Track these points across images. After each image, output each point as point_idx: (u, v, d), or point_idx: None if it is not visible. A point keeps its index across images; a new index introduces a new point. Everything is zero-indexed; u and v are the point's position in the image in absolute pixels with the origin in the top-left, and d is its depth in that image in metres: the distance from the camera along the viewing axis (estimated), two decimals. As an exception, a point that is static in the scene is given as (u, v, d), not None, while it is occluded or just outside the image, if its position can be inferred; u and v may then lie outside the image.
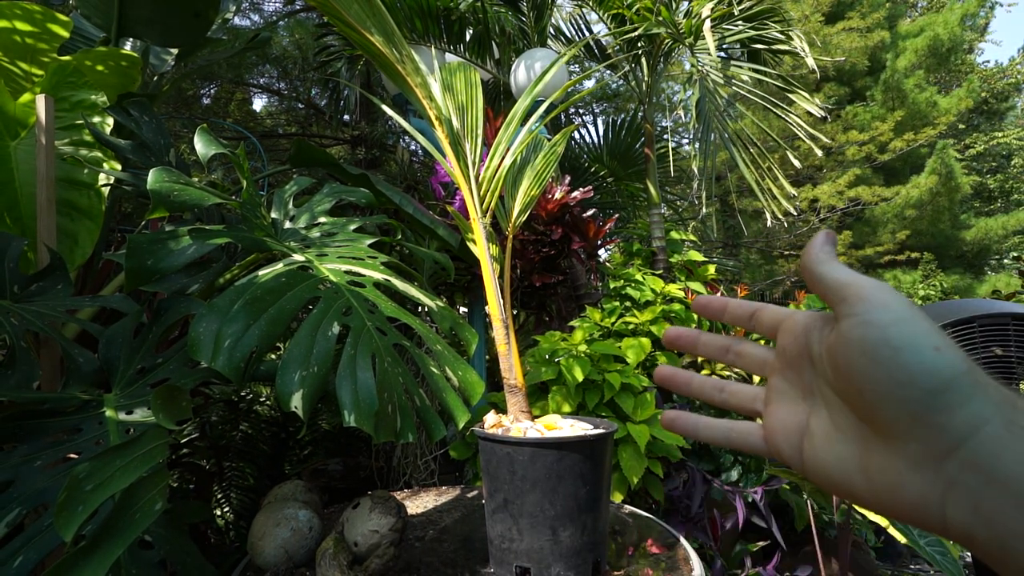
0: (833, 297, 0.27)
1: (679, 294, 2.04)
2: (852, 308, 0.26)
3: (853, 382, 0.25)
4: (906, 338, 0.23)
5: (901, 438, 0.23)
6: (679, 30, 2.47)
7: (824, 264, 0.28)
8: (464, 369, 1.02)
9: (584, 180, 3.59)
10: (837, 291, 0.27)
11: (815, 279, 0.28)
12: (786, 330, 0.32)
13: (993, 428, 0.21)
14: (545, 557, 0.92)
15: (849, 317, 0.25)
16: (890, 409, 0.23)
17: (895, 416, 0.23)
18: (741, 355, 0.35)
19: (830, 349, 0.27)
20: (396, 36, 1.13)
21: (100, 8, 1.62)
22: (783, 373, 0.31)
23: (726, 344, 0.35)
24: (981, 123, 13.69)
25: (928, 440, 0.22)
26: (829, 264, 0.28)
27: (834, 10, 10.31)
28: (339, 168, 1.52)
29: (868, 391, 0.24)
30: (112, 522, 0.65)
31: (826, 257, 0.29)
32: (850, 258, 9.88)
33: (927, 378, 0.22)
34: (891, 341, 0.23)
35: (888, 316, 0.24)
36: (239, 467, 2.02)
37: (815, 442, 0.28)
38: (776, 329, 0.33)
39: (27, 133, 1.24)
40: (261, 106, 7.54)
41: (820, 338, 0.29)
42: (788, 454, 0.30)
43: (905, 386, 0.23)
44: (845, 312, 0.26)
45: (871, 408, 0.24)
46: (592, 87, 1.64)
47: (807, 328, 0.30)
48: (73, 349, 0.95)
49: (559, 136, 1.32)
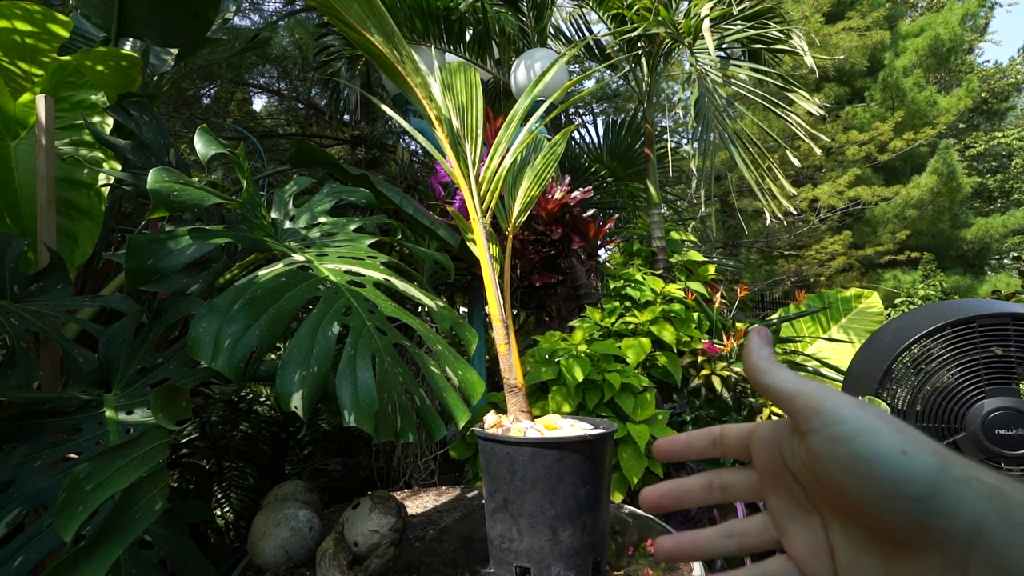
0: (787, 408, 0.26)
1: (679, 294, 2.04)
2: (809, 423, 0.25)
3: (847, 501, 0.24)
4: (873, 449, 0.23)
5: (917, 548, 0.22)
6: (678, 30, 2.47)
7: (768, 375, 0.28)
8: (464, 369, 1.02)
9: (584, 180, 3.59)
10: (788, 402, 0.26)
11: (763, 388, 0.28)
12: (756, 448, 0.30)
13: (994, 526, 0.21)
14: (545, 557, 0.92)
15: (811, 433, 0.25)
16: (893, 521, 0.22)
17: (900, 527, 0.22)
18: (726, 488, 0.33)
19: (808, 467, 0.26)
20: (396, 36, 1.13)
21: (100, 8, 1.62)
22: (775, 492, 0.30)
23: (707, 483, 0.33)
24: (981, 123, 13.70)
25: (943, 547, 0.22)
26: (772, 374, 0.28)
27: (834, 10, 10.31)
28: (339, 168, 1.52)
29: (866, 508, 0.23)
30: (112, 522, 0.66)
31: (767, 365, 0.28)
32: (850, 258, 9.89)
33: (909, 486, 0.22)
34: (860, 453, 0.23)
35: (848, 428, 0.24)
36: (239, 467, 2.03)
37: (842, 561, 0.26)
38: (745, 450, 0.31)
39: (27, 133, 1.24)
40: (261, 106, 7.55)
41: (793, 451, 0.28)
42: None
43: (895, 498, 0.22)
44: (805, 427, 0.25)
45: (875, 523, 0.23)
46: (592, 87, 1.64)
47: (776, 442, 0.29)
48: (73, 349, 0.95)
49: (559, 136, 1.32)
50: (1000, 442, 1.24)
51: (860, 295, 3.57)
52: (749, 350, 0.29)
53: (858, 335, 3.37)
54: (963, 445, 1.27)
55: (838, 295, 3.62)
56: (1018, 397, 1.26)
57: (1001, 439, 1.24)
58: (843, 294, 3.60)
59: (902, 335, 1.36)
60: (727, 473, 0.33)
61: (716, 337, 2.15)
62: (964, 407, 1.28)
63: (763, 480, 0.30)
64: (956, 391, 1.28)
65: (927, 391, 1.31)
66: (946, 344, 1.31)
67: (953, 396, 1.29)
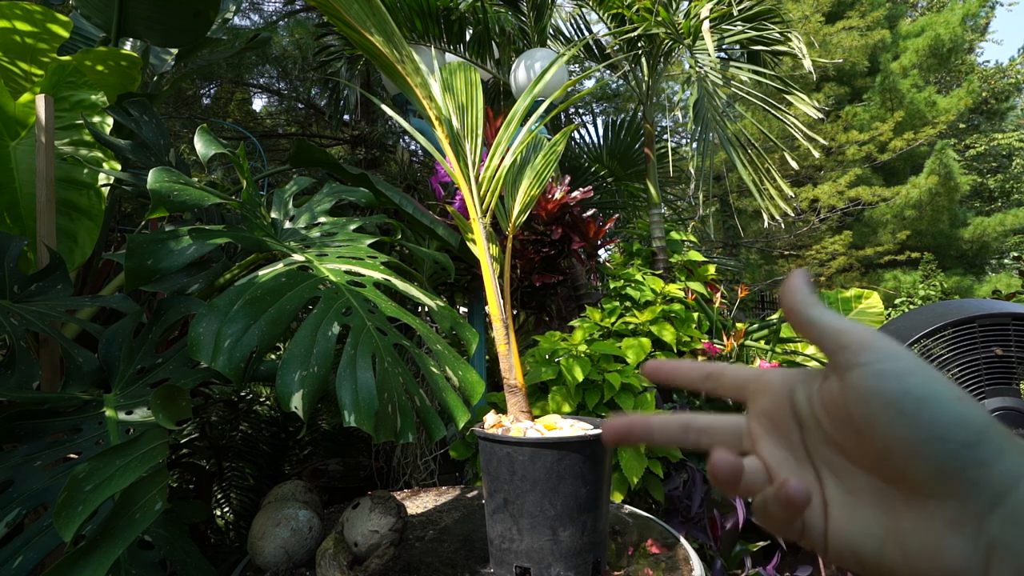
0: (830, 343, 0.25)
1: (679, 294, 2.04)
2: (857, 357, 0.24)
3: (877, 439, 0.23)
4: (927, 389, 0.22)
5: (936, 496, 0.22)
6: (678, 30, 2.47)
7: (812, 307, 0.26)
8: (464, 369, 1.02)
9: (584, 180, 3.59)
10: (834, 337, 0.25)
11: (805, 323, 0.26)
12: (759, 392, 0.29)
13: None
14: (545, 557, 0.92)
15: (857, 367, 0.23)
16: (924, 465, 0.21)
17: (929, 472, 0.21)
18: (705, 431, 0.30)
19: (837, 403, 0.24)
20: (396, 36, 1.13)
21: (100, 8, 1.62)
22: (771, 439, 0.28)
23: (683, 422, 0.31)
24: (981, 123, 13.70)
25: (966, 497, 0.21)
26: (817, 307, 0.26)
27: (834, 10, 10.31)
28: (339, 168, 1.52)
29: (897, 447, 0.22)
30: (112, 522, 0.66)
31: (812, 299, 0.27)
32: (850, 258, 9.89)
33: (959, 430, 0.21)
34: (913, 391, 0.22)
35: (901, 365, 0.23)
36: (239, 467, 2.03)
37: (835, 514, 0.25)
38: (743, 389, 0.30)
39: (27, 133, 1.24)
40: (261, 106, 7.55)
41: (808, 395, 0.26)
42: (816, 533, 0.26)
43: (938, 440, 0.21)
44: (849, 361, 0.24)
45: (902, 466, 0.22)
46: (592, 87, 1.64)
47: (787, 387, 0.28)
48: (73, 349, 0.95)
49: (559, 136, 1.32)
50: (1000, 442, 1.24)
51: (860, 295, 3.57)
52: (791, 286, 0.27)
53: (858, 335, 3.37)
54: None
55: (838, 295, 3.62)
56: (1018, 397, 1.26)
57: (1001, 439, 1.24)
58: (843, 294, 3.60)
59: (902, 335, 1.36)
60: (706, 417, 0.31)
61: (716, 337, 2.15)
62: (964, 407, 1.28)
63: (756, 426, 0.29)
64: (956, 391, 1.28)
65: (927, 391, 1.31)
66: (946, 344, 1.31)
67: (953, 396, 1.29)
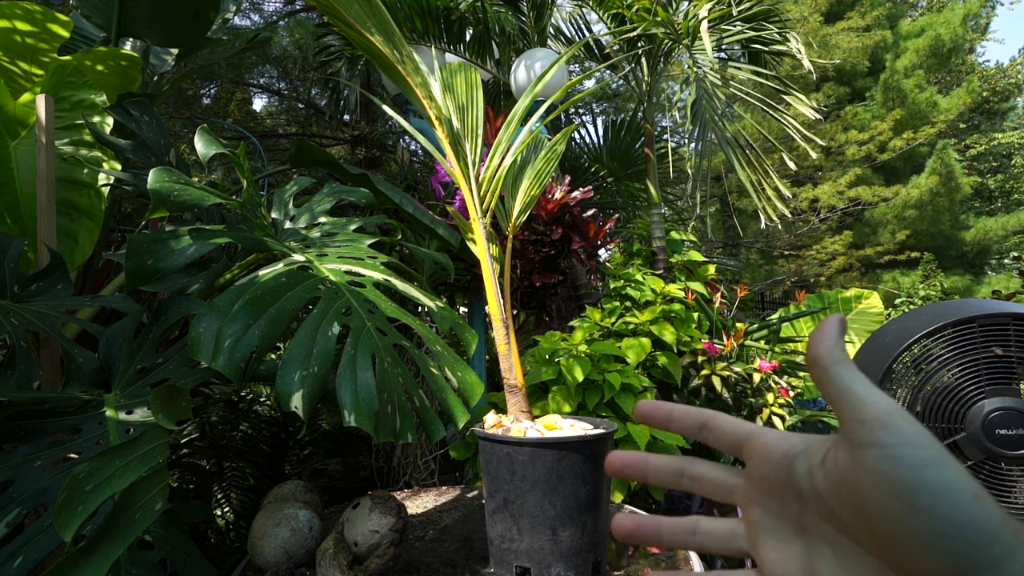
0: (848, 412, 0.24)
1: (679, 294, 2.04)
2: (874, 435, 0.23)
3: (884, 527, 0.22)
4: (946, 484, 0.21)
5: None
6: (677, 30, 2.47)
7: (840, 364, 0.25)
8: (463, 370, 1.02)
9: (584, 180, 3.59)
10: (852, 407, 0.24)
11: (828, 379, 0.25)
12: (757, 455, 0.28)
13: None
14: (545, 557, 0.92)
15: (872, 447, 0.22)
16: (931, 561, 0.21)
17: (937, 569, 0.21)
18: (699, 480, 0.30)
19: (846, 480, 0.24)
20: (396, 36, 1.13)
21: (100, 8, 1.62)
22: (763, 505, 0.27)
23: (679, 468, 0.31)
24: (982, 123, 13.70)
25: None
26: (843, 366, 0.25)
27: (834, 9, 10.31)
28: (339, 168, 1.52)
29: (906, 540, 0.21)
30: (112, 522, 0.66)
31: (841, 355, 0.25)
32: (850, 258, 9.89)
33: (972, 530, 0.20)
34: (927, 486, 0.21)
35: (919, 454, 0.22)
36: (239, 467, 2.03)
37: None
38: (739, 447, 0.29)
39: (27, 133, 1.24)
40: (261, 106, 7.55)
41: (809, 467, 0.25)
42: None
43: (949, 538, 0.20)
44: (864, 439, 0.23)
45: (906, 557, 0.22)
46: (592, 87, 1.64)
47: (786, 456, 0.27)
48: (73, 349, 0.95)
49: (559, 136, 1.32)
50: (1000, 442, 1.24)
51: (860, 295, 3.57)
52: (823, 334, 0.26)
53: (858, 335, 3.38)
54: (963, 445, 1.27)
55: (838, 295, 3.62)
56: (1018, 397, 1.26)
57: (1001, 439, 1.24)
58: (843, 294, 3.60)
59: (902, 335, 1.36)
60: (704, 465, 0.31)
61: (716, 337, 2.15)
62: (964, 407, 1.27)
63: (753, 489, 0.28)
64: (956, 391, 1.28)
65: (927, 391, 1.31)
66: (946, 344, 1.31)
67: (953, 396, 1.28)
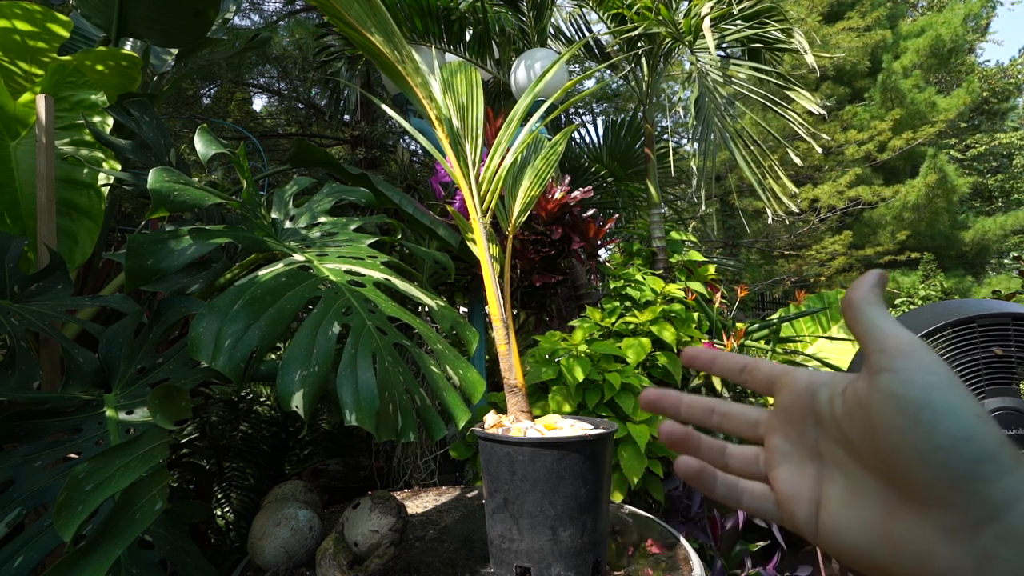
0: (872, 344, 0.26)
1: (679, 294, 2.04)
2: (892, 362, 0.25)
3: (888, 441, 0.24)
4: (950, 404, 0.23)
5: (935, 504, 0.23)
6: (678, 29, 2.47)
7: (872, 305, 0.27)
8: (465, 368, 1.02)
9: (584, 180, 3.59)
10: (878, 339, 0.26)
11: (858, 317, 0.27)
12: (786, 387, 0.31)
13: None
14: (545, 557, 0.92)
15: (888, 372, 0.25)
16: (928, 472, 0.23)
17: (932, 480, 0.23)
18: (728, 416, 0.33)
19: (861, 403, 0.26)
20: (396, 36, 1.13)
21: (100, 8, 1.62)
22: (783, 432, 0.30)
23: (710, 406, 0.34)
24: (982, 123, 13.69)
25: (964, 508, 0.22)
26: (875, 307, 0.27)
27: (834, 10, 10.31)
28: (339, 168, 1.52)
29: (905, 451, 0.23)
30: (112, 522, 0.65)
31: (875, 299, 0.28)
32: (850, 258, 9.89)
33: (970, 445, 0.22)
34: (934, 404, 0.23)
35: (932, 379, 0.24)
36: (239, 467, 2.03)
37: (832, 508, 0.27)
38: (772, 385, 0.32)
39: (27, 133, 1.24)
40: (261, 106, 7.55)
41: (831, 395, 0.28)
42: (803, 522, 0.28)
43: (946, 451, 0.22)
44: (883, 365, 0.25)
45: (906, 470, 0.23)
46: (592, 87, 1.64)
47: (811, 386, 0.29)
48: (73, 349, 0.95)
49: (559, 136, 1.32)
50: (1000, 442, 1.24)
51: (860, 295, 3.57)
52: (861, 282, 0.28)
53: (858, 335, 3.37)
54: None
55: (838, 295, 3.62)
56: (1018, 397, 1.26)
57: (1001, 439, 1.24)
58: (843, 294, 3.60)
59: (902, 335, 1.36)
60: (732, 405, 0.34)
61: (716, 337, 2.15)
62: (964, 407, 1.27)
63: (776, 419, 0.31)
64: (956, 391, 1.28)
65: (927, 391, 1.31)
66: (946, 344, 1.31)
67: (953, 396, 1.28)
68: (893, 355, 0.25)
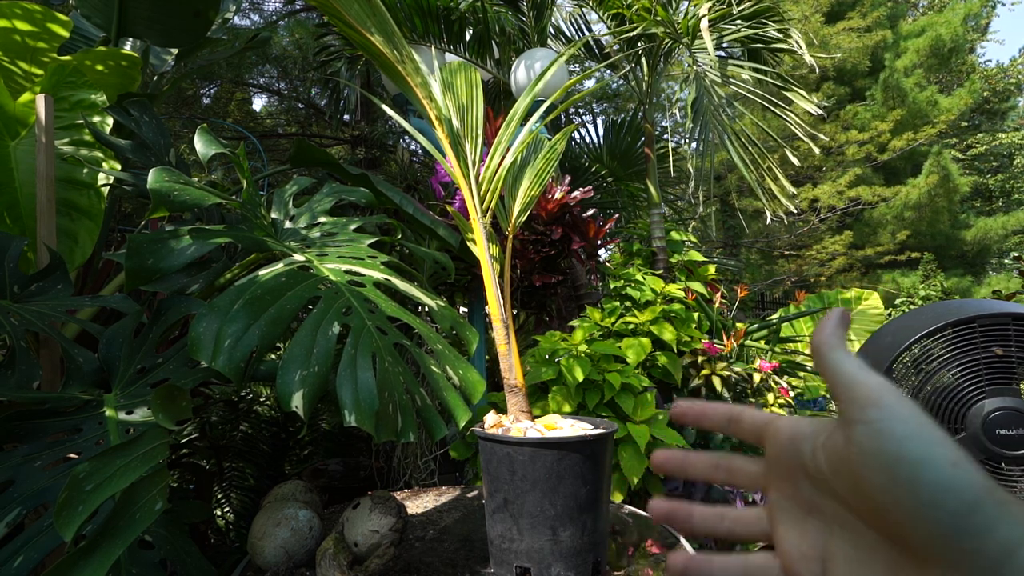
0: (841, 392, 0.25)
1: (679, 294, 2.04)
2: (863, 413, 0.24)
3: (875, 499, 0.23)
4: (924, 454, 0.22)
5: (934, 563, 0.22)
6: (676, 29, 2.47)
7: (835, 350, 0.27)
8: (465, 368, 1.02)
9: (584, 180, 3.59)
10: (846, 387, 0.25)
11: (824, 365, 0.27)
12: (770, 439, 0.29)
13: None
14: (545, 557, 0.92)
15: (861, 424, 0.24)
16: (919, 530, 0.22)
17: (925, 538, 0.22)
18: (732, 471, 0.32)
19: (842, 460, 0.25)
20: (396, 36, 1.13)
21: (100, 8, 1.62)
22: (778, 488, 0.29)
23: (715, 461, 0.33)
24: (982, 122, 13.69)
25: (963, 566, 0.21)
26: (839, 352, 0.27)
27: (834, 10, 10.32)
28: (339, 168, 1.52)
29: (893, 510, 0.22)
30: (112, 522, 0.65)
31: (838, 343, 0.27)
32: (850, 258, 9.89)
33: (952, 498, 0.21)
34: (908, 456, 0.22)
35: (902, 428, 0.23)
36: (239, 467, 2.03)
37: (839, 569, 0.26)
38: (759, 436, 0.31)
39: (27, 133, 1.24)
40: (261, 106, 7.55)
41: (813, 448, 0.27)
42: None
43: (931, 506, 0.21)
44: (855, 416, 0.24)
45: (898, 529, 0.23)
46: (592, 87, 1.64)
47: (793, 437, 0.28)
48: (73, 349, 0.95)
49: (559, 136, 1.32)
50: (1000, 442, 1.24)
51: (861, 296, 3.57)
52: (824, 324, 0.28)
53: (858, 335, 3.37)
54: (964, 445, 1.26)
55: (838, 295, 3.63)
56: (1019, 397, 1.26)
57: (1002, 439, 1.24)
58: (844, 294, 3.60)
59: (902, 335, 1.36)
60: (738, 458, 0.33)
61: (716, 337, 2.15)
62: (965, 407, 1.27)
63: (769, 473, 0.30)
64: (956, 391, 1.28)
65: (927, 391, 1.31)
66: (946, 344, 1.31)
67: (953, 396, 1.28)
68: (863, 405, 0.24)
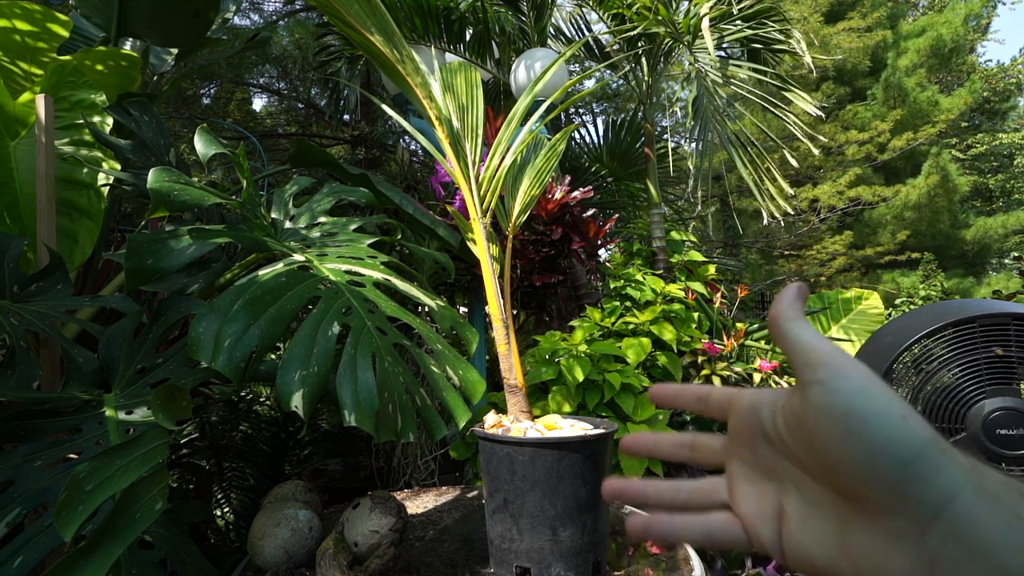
0: (796, 359, 0.27)
1: (679, 294, 2.04)
2: (816, 374, 0.25)
3: (827, 454, 0.24)
4: (873, 407, 0.23)
5: (881, 512, 0.23)
6: (677, 29, 2.47)
7: (791, 321, 0.28)
8: (465, 368, 1.02)
9: (584, 180, 3.59)
10: (801, 353, 0.27)
11: (780, 334, 0.28)
12: (733, 410, 0.31)
13: (966, 497, 0.21)
14: (545, 557, 0.92)
15: (814, 384, 0.25)
16: (867, 480, 0.23)
17: (872, 488, 0.23)
18: (695, 447, 0.34)
19: (797, 418, 0.26)
20: (396, 36, 1.13)
21: (100, 8, 1.62)
22: (739, 455, 0.31)
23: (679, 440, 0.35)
24: (983, 122, 13.69)
25: (907, 513, 0.22)
26: (795, 322, 0.28)
27: (834, 10, 10.31)
28: (339, 168, 1.52)
29: (844, 462, 0.24)
30: (112, 522, 0.65)
31: (794, 314, 0.28)
32: (850, 258, 9.88)
33: (899, 448, 0.22)
34: (858, 410, 0.23)
35: (852, 385, 0.24)
36: (239, 467, 2.03)
37: (792, 524, 0.27)
38: (726, 412, 0.32)
39: (27, 133, 1.24)
40: (261, 106, 7.54)
41: (772, 413, 0.28)
42: (770, 541, 0.28)
43: (879, 456, 0.22)
44: (809, 378, 0.25)
45: (848, 480, 0.24)
46: (592, 87, 1.64)
47: (754, 405, 0.30)
48: (73, 349, 0.95)
49: (559, 136, 1.32)
50: (1001, 442, 1.24)
51: (861, 296, 3.57)
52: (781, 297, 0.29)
53: (858, 335, 3.37)
54: (964, 445, 1.26)
55: (838, 295, 3.62)
56: (1019, 397, 1.25)
57: (1002, 439, 1.24)
58: (844, 294, 3.60)
59: (902, 335, 1.36)
60: (702, 436, 0.34)
61: (716, 337, 2.15)
62: (965, 407, 1.27)
63: (730, 443, 0.31)
64: (957, 391, 1.28)
65: (928, 391, 1.31)
66: (947, 344, 1.31)
67: (954, 396, 1.28)
68: (815, 367, 0.25)
